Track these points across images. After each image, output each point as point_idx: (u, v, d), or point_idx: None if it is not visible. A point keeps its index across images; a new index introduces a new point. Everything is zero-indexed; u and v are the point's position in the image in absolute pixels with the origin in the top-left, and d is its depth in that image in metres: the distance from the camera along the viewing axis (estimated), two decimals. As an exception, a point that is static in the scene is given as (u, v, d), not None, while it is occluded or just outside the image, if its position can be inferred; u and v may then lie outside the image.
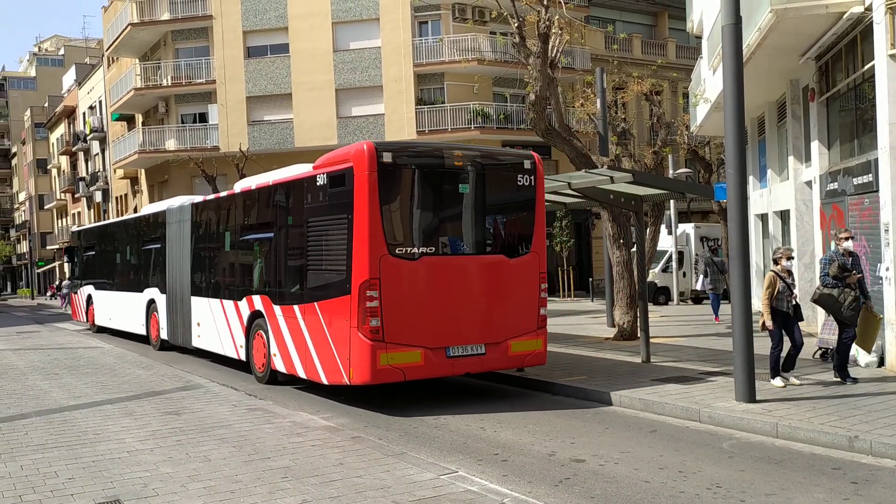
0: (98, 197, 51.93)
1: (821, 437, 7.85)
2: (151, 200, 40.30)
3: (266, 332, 12.32)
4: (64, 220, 64.53)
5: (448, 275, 10.33)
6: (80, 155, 57.09)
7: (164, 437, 8.36)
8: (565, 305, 27.71)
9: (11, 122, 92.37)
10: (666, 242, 26.32)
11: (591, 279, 32.05)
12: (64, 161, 63.00)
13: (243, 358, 13.36)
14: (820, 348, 12.30)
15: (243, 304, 13.19)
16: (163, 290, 17.32)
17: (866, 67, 12.21)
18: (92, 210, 54.35)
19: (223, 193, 15.23)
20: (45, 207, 71.16)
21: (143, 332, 18.84)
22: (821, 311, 14.63)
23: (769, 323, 10.19)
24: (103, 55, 48.98)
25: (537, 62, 14.92)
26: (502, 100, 34.81)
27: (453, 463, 7.45)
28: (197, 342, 15.45)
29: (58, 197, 64.99)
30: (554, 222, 31.90)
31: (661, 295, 26.69)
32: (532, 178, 11.01)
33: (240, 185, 14.60)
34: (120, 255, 21.02)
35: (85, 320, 24.09)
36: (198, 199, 16.45)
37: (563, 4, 16.05)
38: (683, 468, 7.20)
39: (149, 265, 18.49)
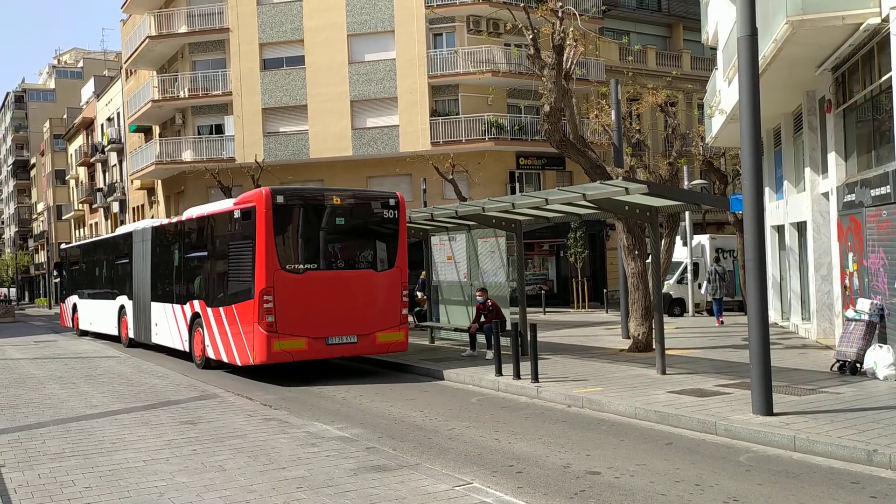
0: (115, 207, 52.41)
1: (839, 451, 7.77)
2: (168, 211, 40.62)
3: (202, 329, 15.67)
4: (81, 230, 65.11)
5: (327, 284, 13.85)
6: (98, 166, 57.65)
7: (180, 447, 8.40)
8: (579, 317, 27.60)
9: (31, 134, 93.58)
10: (681, 254, 26.17)
11: (605, 290, 31.92)
12: (82, 172, 63.64)
13: (187, 350, 16.63)
14: (837, 361, 12.19)
15: (187, 307, 16.55)
16: (130, 298, 20.70)
17: (883, 79, 12.14)
18: (109, 220, 54.81)
19: (174, 219, 18.80)
20: (63, 218, 71.84)
21: (116, 333, 22.21)
22: (839, 324, 14.53)
23: None
24: (121, 67, 49.52)
25: (552, 73, 14.95)
26: (517, 111, 34.86)
27: (468, 474, 7.44)
28: (155, 339, 18.79)
29: (75, 207, 65.61)
30: (568, 233, 31.84)
31: (676, 306, 26.53)
32: (396, 212, 14.65)
33: (186, 214, 17.78)
34: (98, 269, 24.41)
35: (71, 326, 27.35)
36: (156, 222, 20.00)
37: (578, 16, 16.10)
38: (700, 481, 7.15)
39: (120, 277, 21.86)
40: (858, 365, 11.79)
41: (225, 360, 14.72)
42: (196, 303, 16.02)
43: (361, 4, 34.86)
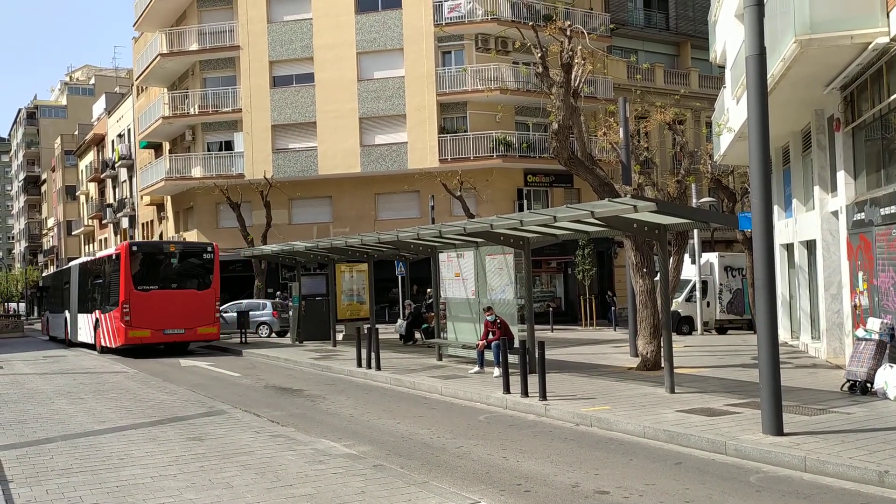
0: (125, 223, 52.67)
1: (850, 472, 7.71)
2: (177, 226, 40.79)
3: (99, 328, 24.47)
4: (91, 245, 65.40)
5: (164, 298, 22.85)
6: (108, 182, 58.02)
7: (188, 463, 8.39)
8: (587, 334, 27.50)
9: (42, 150, 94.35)
10: (689, 272, 26.12)
11: (613, 308, 31.84)
12: (92, 188, 64.04)
13: (93, 342, 25.33)
14: (848, 380, 12.10)
15: (92, 315, 25.56)
16: (70, 311, 29.49)
17: (892, 98, 12.14)
18: (118, 236, 55.06)
19: (90, 258, 29.22)
20: (73, 233, 72.22)
21: (64, 337, 30.52)
22: (849, 343, 14.44)
23: None
24: (132, 84, 49.96)
25: (560, 91, 15.01)
26: (525, 128, 34.98)
27: (476, 493, 7.40)
28: (80, 338, 27.56)
29: (85, 223, 65.96)
30: (576, 251, 31.81)
31: (684, 324, 26.43)
32: (211, 255, 24.00)
33: (98, 255, 27.74)
34: (58, 292, 33.53)
35: (45, 333, 37.42)
36: (83, 260, 30.23)
37: (586, 35, 16.18)
38: (710, 502, 7.09)
39: (66, 298, 30.38)
40: (869, 385, 11.70)
41: (107, 345, 23.66)
42: (96, 312, 25.05)
43: (371, 23, 35.14)
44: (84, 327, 26.66)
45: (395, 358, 19.27)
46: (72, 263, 30.91)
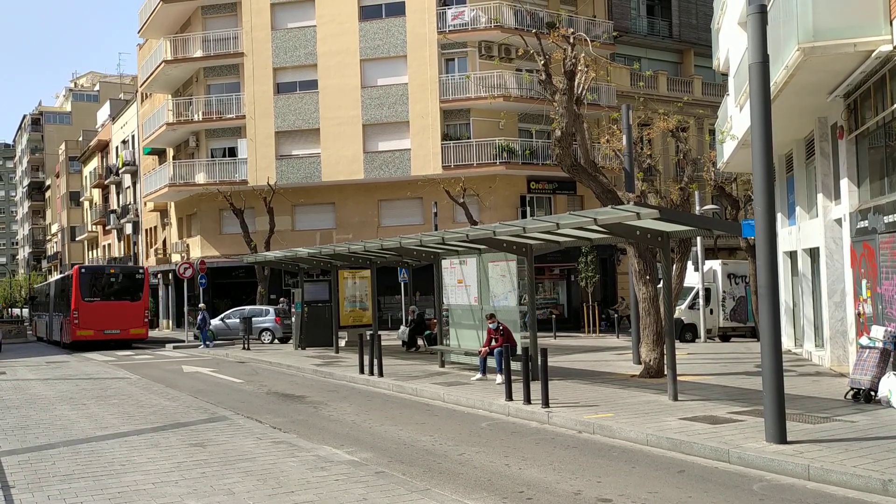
0: (128, 229, 52.76)
1: (854, 481, 7.67)
2: (180, 233, 40.85)
3: (62, 328, 32.24)
4: (95, 251, 65.51)
5: (105, 306, 30.82)
6: (112, 188, 58.14)
7: (189, 469, 8.38)
8: (590, 341, 27.46)
9: (46, 156, 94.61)
10: (692, 279, 26.05)
11: (616, 315, 31.78)
12: (96, 194, 64.19)
13: (59, 340, 33.12)
14: (851, 388, 12.06)
15: (58, 319, 33.35)
16: (48, 315, 37.55)
17: (896, 105, 12.13)
18: (122, 242, 55.15)
19: (61, 276, 39.02)
20: (77, 239, 72.34)
21: (45, 336, 38.82)
22: (852, 351, 14.40)
23: None
24: (137, 91, 50.11)
25: (563, 99, 15.02)
26: (528, 135, 35.00)
27: (478, 500, 7.38)
28: (53, 337, 35.34)
29: (89, 229, 66.09)
30: (579, 258, 31.78)
31: (687, 332, 26.35)
32: (142, 276, 32.70)
33: (67, 271, 35.85)
34: (43, 300, 41.51)
35: (34, 334, 44.07)
36: (56, 277, 41.05)
37: (590, 42, 16.20)
38: (712, 510, 7.06)
39: (46, 305, 38.77)
40: (873, 393, 11.66)
41: (65, 342, 31.42)
42: (60, 316, 32.89)
43: (374, 30, 35.24)
44: (55, 328, 34.90)
45: (397, 365, 19.26)
46: (50, 279, 41.80)
